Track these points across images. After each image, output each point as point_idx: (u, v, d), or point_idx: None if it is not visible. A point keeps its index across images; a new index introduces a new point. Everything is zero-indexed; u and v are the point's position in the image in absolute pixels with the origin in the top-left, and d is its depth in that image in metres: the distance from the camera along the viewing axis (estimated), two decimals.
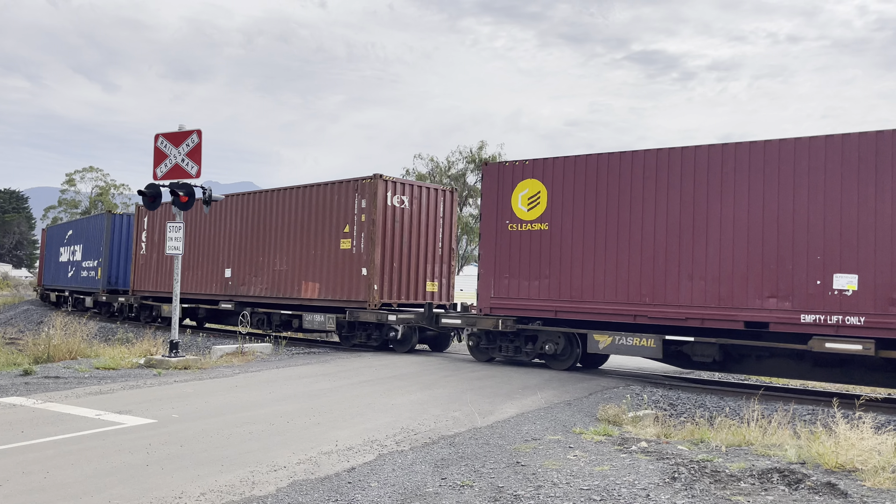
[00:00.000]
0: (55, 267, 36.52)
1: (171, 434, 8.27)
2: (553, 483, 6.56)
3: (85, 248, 31.39)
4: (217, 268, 22.10)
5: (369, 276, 17.43)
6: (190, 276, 22.76)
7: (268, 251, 20.36)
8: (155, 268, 25.10)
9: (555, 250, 14.42)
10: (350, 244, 17.96)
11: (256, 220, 20.90)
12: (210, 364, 14.76)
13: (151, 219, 25.45)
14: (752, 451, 7.86)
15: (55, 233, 38.46)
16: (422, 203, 18.59)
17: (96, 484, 6.33)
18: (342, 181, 18.50)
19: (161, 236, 24.11)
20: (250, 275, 20.86)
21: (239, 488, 6.30)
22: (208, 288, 22.38)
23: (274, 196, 20.56)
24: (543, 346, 14.65)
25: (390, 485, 6.50)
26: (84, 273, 31.10)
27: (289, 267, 19.62)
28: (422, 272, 18.49)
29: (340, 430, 8.69)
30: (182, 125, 15.23)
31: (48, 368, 13.71)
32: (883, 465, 6.73)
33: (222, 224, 22.12)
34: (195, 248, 22.81)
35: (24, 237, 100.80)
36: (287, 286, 19.65)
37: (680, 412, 11.50)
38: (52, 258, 37.82)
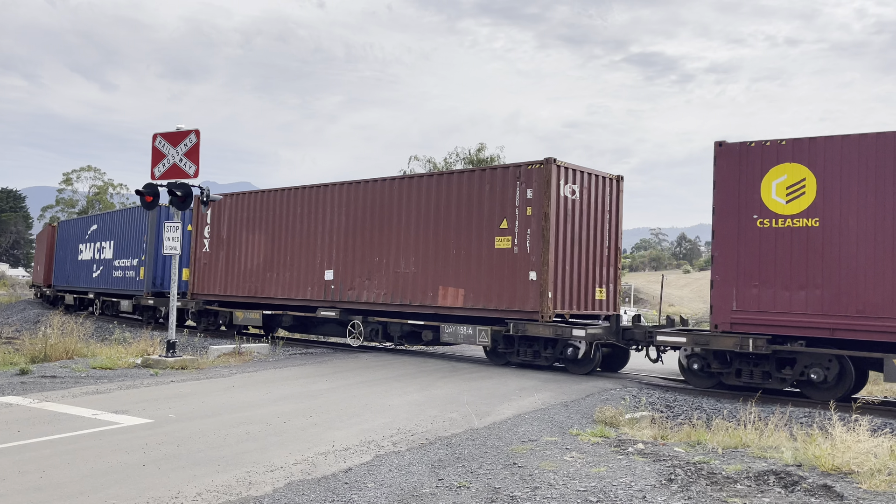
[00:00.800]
0: (72, 266, 32.75)
1: (168, 434, 8.27)
2: (550, 484, 6.57)
3: (118, 245, 27.85)
4: (313, 269, 18.82)
5: (540, 281, 14.54)
6: (272, 279, 19.84)
7: (387, 250, 17.29)
8: (224, 268, 21.37)
9: (830, 252, 11.73)
10: (510, 242, 15.10)
11: (372, 213, 17.71)
12: (207, 364, 14.74)
13: (217, 212, 21.85)
14: (749, 454, 7.87)
15: (70, 228, 34.40)
16: (590, 193, 15.61)
17: (93, 483, 6.32)
18: (497, 167, 15.87)
19: (232, 231, 21.25)
20: (362, 278, 17.67)
21: (235, 488, 6.30)
22: (300, 292, 19.08)
23: (397, 185, 17.45)
24: (806, 371, 12.01)
25: (387, 485, 6.50)
26: (117, 273, 27.53)
27: (418, 269, 16.61)
28: (591, 276, 15.61)
29: (337, 430, 8.69)
30: (180, 125, 15.22)
31: (45, 368, 13.69)
32: (879, 468, 6.75)
33: (321, 217, 18.85)
34: (279, 245, 19.81)
35: (21, 236, 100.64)
36: (415, 291, 16.62)
37: (677, 414, 11.51)
38: (66, 256, 33.85)
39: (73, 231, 33.83)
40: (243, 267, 20.78)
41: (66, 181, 75.23)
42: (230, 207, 21.39)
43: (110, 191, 75.37)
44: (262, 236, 20.26)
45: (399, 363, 15.56)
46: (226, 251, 21.42)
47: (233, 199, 21.22)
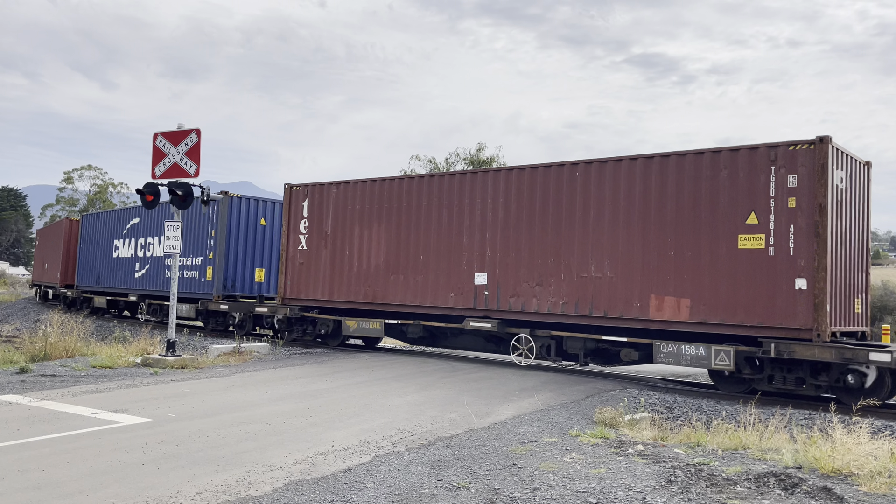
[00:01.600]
0: (105, 264, 29.00)
1: (168, 433, 8.26)
2: (549, 485, 6.56)
3: None
4: (457, 271, 15.92)
5: (814, 290, 11.77)
6: (397, 282, 16.97)
7: (567, 250, 14.36)
8: (329, 269, 18.32)
9: None
10: (762, 242, 12.29)
11: (543, 205, 14.80)
12: (207, 363, 14.74)
13: (318, 203, 18.69)
14: (749, 455, 7.86)
15: (100, 223, 30.45)
16: (851, 182, 12.98)
17: (92, 483, 6.32)
18: (738, 148, 12.72)
19: (340, 226, 18.22)
20: (530, 283, 14.76)
21: (235, 488, 6.29)
22: (437, 298, 16.20)
23: (581, 172, 14.39)
24: None
25: (386, 486, 6.49)
26: None
27: (616, 273, 13.69)
28: (850, 284, 12.85)
29: (337, 430, 8.68)
30: (181, 124, 15.23)
31: (45, 366, 13.69)
32: (879, 470, 6.74)
33: (468, 210, 15.87)
34: (407, 242, 16.91)
35: (21, 235, 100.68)
36: (612, 301, 13.69)
37: (677, 415, 11.50)
38: (94, 254, 30.18)
39: (103, 225, 29.94)
40: (356, 268, 17.75)
41: (67, 180, 75.26)
42: (337, 198, 18.26)
43: (111, 190, 75.40)
44: (382, 232, 17.31)
45: (399, 363, 15.55)
46: (331, 249, 18.34)
47: (340, 188, 18.21)
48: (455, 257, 15.98)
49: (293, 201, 19.31)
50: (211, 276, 21.99)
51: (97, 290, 29.77)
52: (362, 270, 17.62)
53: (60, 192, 76.31)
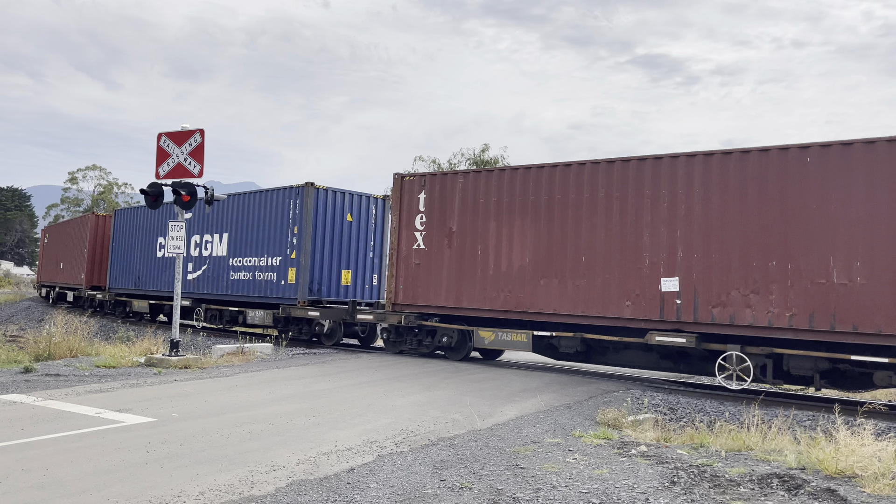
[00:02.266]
0: (146, 264, 26.12)
1: (171, 433, 8.27)
2: (552, 486, 6.56)
3: (238, 239, 21.76)
4: (636, 275, 13.55)
5: None
6: (547, 287, 14.59)
7: (796, 251, 12.08)
8: (455, 271, 15.94)
9: None
10: None
11: (760, 197, 12.47)
12: (210, 363, 14.76)
13: (439, 196, 16.35)
14: (752, 457, 7.85)
15: (139, 218, 27.18)
16: None
17: (95, 482, 6.33)
18: None
19: (469, 222, 15.84)
20: (742, 290, 12.45)
21: (238, 488, 6.30)
22: (605, 306, 13.85)
23: (817, 155, 12.07)
24: None
25: (389, 486, 6.49)
26: (240, 275, 21.45)
27: (870, 279, 11.44)
28: None
29: (340, 430, 8.69)
30: (185, 125, 15.26)
31: (49, 366, 13.72)
32: (883, 472, 6.72)
33: (649, 203, 13.57)
34: (561, 240, 14.56)
35: (26, 235, 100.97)
36: (866, 313, 11.42)
37: (680, 416, 11.49)
38: (131, 252, 27.22)
39: (144, 221, 26.73)
40: (492, 270, 15.39)
41: (71, 180, 75.44)
42: (465, 189, 15.94)
43: (115, 190, 75.59)
44: (528, 228, 14.98)
45: (402, 364, 15.55)
46: (457, 248, 15.93)
47: (470, 178, 15.99)
48: (631, 259, 13.57)
49: (405, 193, 16.84)
50: (294, 278, 19.53)
51: (136, 292, 26.77)
52: (500, 273, 15.25)
53: (65, 191, 76.50)
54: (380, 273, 20.90)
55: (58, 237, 38.11)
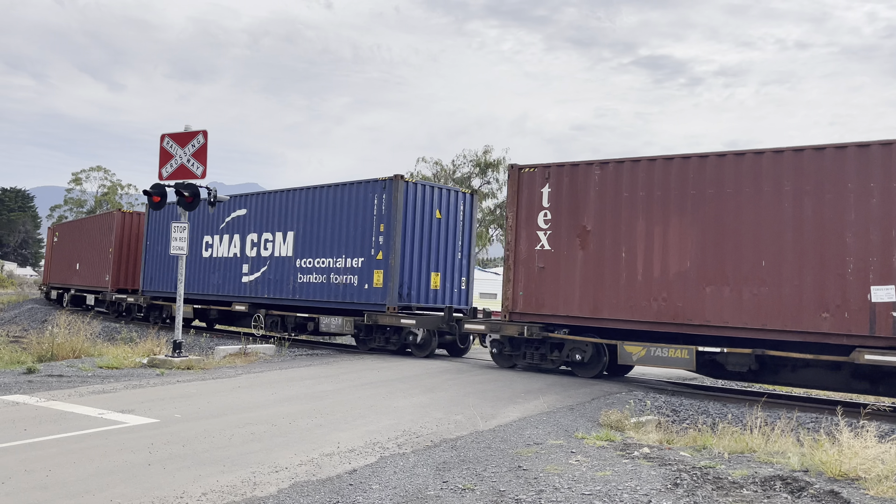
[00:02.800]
0: (189, 266, 22.76)
1: (174, 434, 8.28)
2: (555, 488, 6.55)
3: (308, 238, 19.53)
4: (834, 283, 11.77)
5: None
6: (718, 296, 12.72)
7: None
8: (593, 275, 13.93)
9: None
10: None
11: None
12: (213, 364, 14.78)
13: (568, 191, 14.39)
14: (755, 459, 7.84)
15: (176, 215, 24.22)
16: None
17: (98, 483, 6.33)
18: None
19: (609, 219, 13.91)
20: None
21: (240, 489, 6.30)
22: (796, 319, 12.01)
23: None
24: None
25: (391, 487, 6.49)
26: (310, 278, 19.26)
27: None
28: None
29: (342, 431, 8.69)
30: (188, 126, 15.28)
31: (52, 367, 13.74)
32: (886, 474, 6.71)
33: (848, 198, 11.80)
34: (727, 241, 12.77)
35: (29, 236, 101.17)
36: None
37: (683, 418, 11.47)
38: (164, 252, 24.68)
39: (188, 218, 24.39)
40: (640, 276, 13.51)
41: (75, 181, 75.61)
42: (604, 182, 14.00)
43: (119, 191, 75.75)
44: (688, 227, 13.13)
45: (405, 365, 15.55)
46: (594, 250, 13.97)
47: (609, 169, 13.98)
48: (830, 264, 11.81)
49: (524, 187, 14.89)
50: (381, 281, 17.55)
51: (172, 295, 23.69)
52: (652, 279, 13.35)
53: (69, 192, 76.66)
54: (468, 276, 19.20)
55: (71, 236, 35.35)
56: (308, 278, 19.40)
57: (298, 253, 19.72)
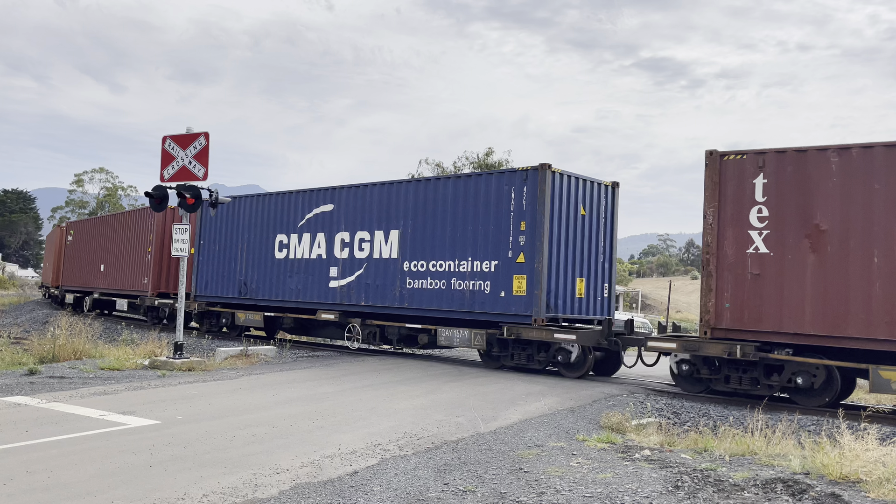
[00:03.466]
0: (258, 267, 20.53)
1: (175, 435, 8.29)
2: (556, 490, 6.55)
3: (418, 236, 16.82)
4: None
5: None
6: None
7: None
8: (836, 284, 11.65)
9: None
10: None
11: None
12: (214, 366, 14.78)
13: (792, 179, 12.13)
14: (756, 461, 7.84)
15: (243, 210, 21.34)
16: None
17: (99, 484, 6.34)
18: None
19: (855, 216, 11.60)
20: None
21: (242, 490, 6.31)
22: None
23: None
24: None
25: (392, 489, 6.50)
26: (423, 283, 16.53)
27: None
28: None
29: (343, 433, 8.69)
30: (189, 127, 15.31)
31: (53, 368, 13.75)
32: (888, 477, 6.71)
33: None
34: None
35: (30, 237, 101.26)
36: None
37: (683, 421, 11.47)
38: (229, 252, 21.65)
39: (252, 215, 21.05)
40: None
41: (77, 182, 75.78)
42: (844, 173, 11.68)
43: (120, 193, 75.88)
44: None
45: (406, 367, 15.55)
46: (833, 254, 11.71)
47: (848, 156, 11.63)
48: None
49: (729, 178, 12.65)
50: (523, 289, 15.07)
51: (243, 302, 21.13)
52: None
53: (70, 194, 76.79)
54: (610, 282, 16.88)
55: (93, 235, 31.87)
56: (420, 283, 16.65)
57: (406, 254, 16.97)
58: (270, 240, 20.36)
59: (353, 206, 18.41)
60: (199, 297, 22.67)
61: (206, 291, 22.51)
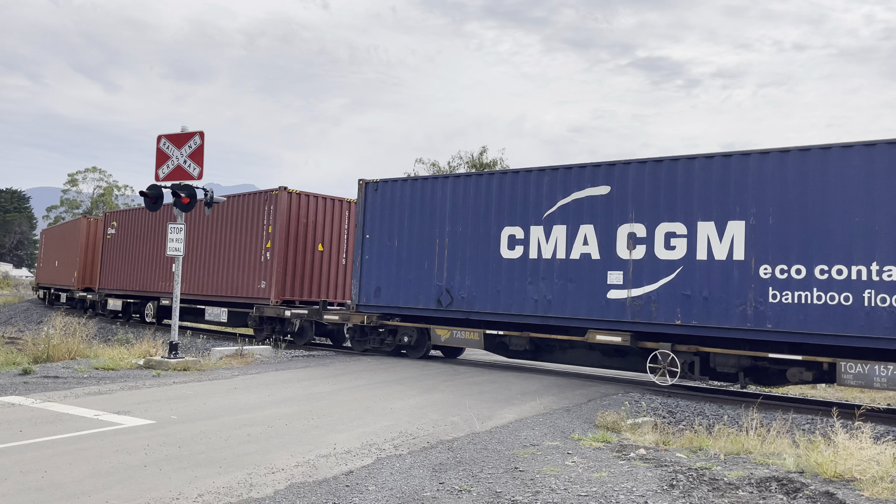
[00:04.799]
0: (468, 272, 15.87)
1: (170, 435, 8.27)
2: (551, 489, 6.56)
3: (785, 232, 12.31)
4: None
5: None
6: None
7: None
8: None
9: None
10: None
11: None
12: (209, 366, 14.75)
13: None
14: (751, 460, 7.85)
15: (447, 193, 16.43)
16: None
17: (94, 484, 6.32)
18: None
19: None
20: None
21: (237, 490, 6.30)
22: None
23: None
24: None
25: (388, 489, 6.49)
26: (805, 296, 11.91)
27: None
28: None
29: (339, 433, 8.68)
30: (185, 126, 15.27)
31: (47, 368, 13.71)
32: (882, 475, 6.73)
33: None
34: None
35: (25, 237, 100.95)
36: None
37: (679, 420, 11.49)
38: (416, 252, 16.75)
39: (457, 200, 16.33)
40: None
41: (71, 182, 75.54)
42: None
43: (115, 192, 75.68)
44: None
45: (401, 367, 15.54)
46: None
47: None
48: None
49: None
50: None
51: (441, 315, 16.26)
52: None
53: (64, 193, 76.59)
54: None
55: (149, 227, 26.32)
56: (794, 297, 11.97)
57: (764, 256, 12.38)
58: (493, 234, 15.62)
59: (649, 188, 13.73)
60: (366, 308, 17.56)
61: (378, 300, 17.30)
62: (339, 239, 21.34)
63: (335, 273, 21.37)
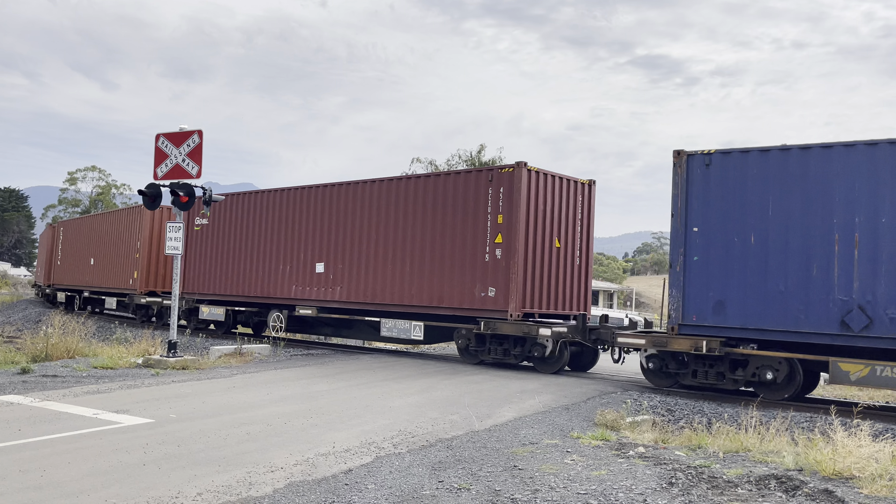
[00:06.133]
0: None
1: (169, 434, 8.27)
2: (550, 487, 6.56)
3: None
4: None
5: None
6: None
7: None
8: None
9: None
10: None
11: None
12: (208, 364, 14.74)
13: None
14: (750, 458, 7.86)
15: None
16: None
17: (93, 483, 6.32)
18: None
19: None
20: None
21: (236, 489, 6.29)
22: None
23: None
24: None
25: (387, 487, 6.49)
26: None
27: None
28: None
29: (338, 431, 8.68)
30: (183, 126, 15.26)
31: (46, 367, 13.70)
32: (880, 473, 6.73)
33: None
34: None
35: (23, 236, 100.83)
36: None
37: (678, 418, 11.49)
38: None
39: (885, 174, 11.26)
40: None
41: (70, 181, 75.49)
42: None
43: (113, 191, 75.63)
44: None
45: (400, 365, 15.55)
46: None
47: None
48: None
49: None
50: None
51: (846, 343, 11.46)
52: None
53: (63, 192, 76.52)
54: None
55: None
56: None
57: None
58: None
59: None
60: (695, 329, 12.75)
61: (719, 318, 12.55)
62: (573, 232, 16.74)
63: (566, 276, 16.69)
